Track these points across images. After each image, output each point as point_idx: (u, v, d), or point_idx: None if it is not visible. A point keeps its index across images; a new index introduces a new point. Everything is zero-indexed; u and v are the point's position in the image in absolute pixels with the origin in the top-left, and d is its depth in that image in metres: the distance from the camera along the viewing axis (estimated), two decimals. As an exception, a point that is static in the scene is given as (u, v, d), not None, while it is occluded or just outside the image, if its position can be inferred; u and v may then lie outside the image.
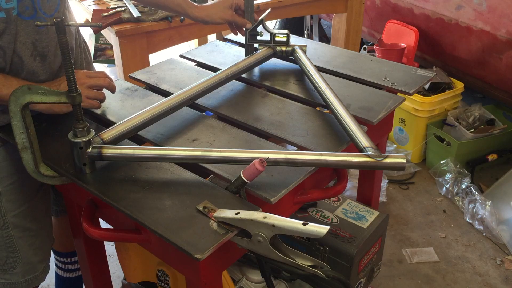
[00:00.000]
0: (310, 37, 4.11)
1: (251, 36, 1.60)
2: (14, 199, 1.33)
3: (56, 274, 1.85)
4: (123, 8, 2.16)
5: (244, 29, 1.58)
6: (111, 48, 3.45)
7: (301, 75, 1.58)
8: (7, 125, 1.27)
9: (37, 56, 1.25)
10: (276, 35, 1.61)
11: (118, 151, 1.11)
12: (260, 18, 1.57)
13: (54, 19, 0.97)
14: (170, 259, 1.11)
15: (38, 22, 1.01)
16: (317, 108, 1.43)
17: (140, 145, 1.26)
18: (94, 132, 1.11)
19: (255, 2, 2.37)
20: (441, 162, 2.80)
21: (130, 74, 1.65)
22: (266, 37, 1.61)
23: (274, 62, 1.69)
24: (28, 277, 1.41)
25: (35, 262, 1.41)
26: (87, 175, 1.12)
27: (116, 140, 1.18)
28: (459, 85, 2.98)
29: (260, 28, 1.59)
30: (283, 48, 1.63)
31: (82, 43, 1.51)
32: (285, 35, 1.61)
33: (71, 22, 1.34)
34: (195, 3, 1.54)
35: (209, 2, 1.57)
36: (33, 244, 1.40)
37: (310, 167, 1.13)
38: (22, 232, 1.36)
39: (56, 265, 1.83)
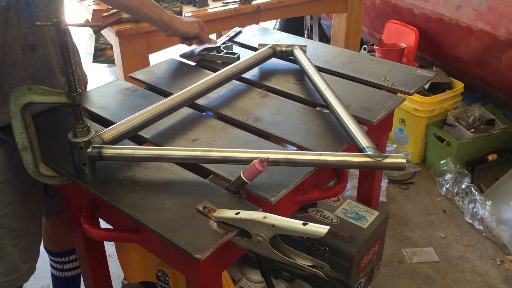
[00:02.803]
0: (310, 37, 4.11)
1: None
2: (1, 199, 1.32)
3: (52, 274, 1.84)
4: (123, 8, 2.16)
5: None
6: (111, 48, 3.45)
7: (301, 75, 1.58)
8: (7, 125, 1.27)
9: (28, 50, 1.25)
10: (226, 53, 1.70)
11: (118, 151, 1.11)
12: (217, 44, 1.76)
13: (54, 19, 0.97)
14: (170, 259, 1.10)
15: (38, 23, 1.01)
16: (317, 108, 1.43)
17: (140, 145, 1.25)
18: (94, 132, 1.11)
19: (255, 2, 2.37)
20: (441, 162, 2.80)
21: (130, 74, 1.65)
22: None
23: (274, 62, 1.69)
24: (11, 277, 1.39)
25: (18, 263, 1.40)
26: (87, 175, 1.12)
27: (116, 140, 1.18)
28: (459, 85, 2.98)
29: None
30: (283, 48, 1.63)
31: (75, 45, 1.51)
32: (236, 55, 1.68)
33: (71, 22, 1.34)
34: (175, 16, 1.59)
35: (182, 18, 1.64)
36: (18, 245, 1.38)
37: (310, 167, 1.13)
38: (7, 232, 1.35)
39: (51, 266, 1.81)
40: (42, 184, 1.40)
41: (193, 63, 1.71)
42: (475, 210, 2.51)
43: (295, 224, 0.88)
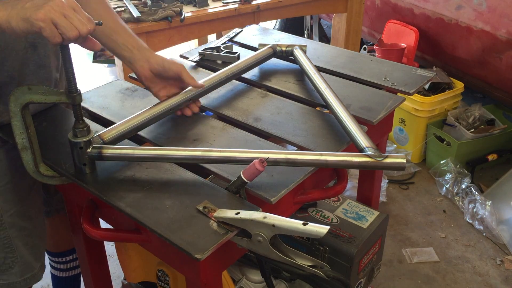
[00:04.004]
0: (310, 37, 4.11)
1: None
2: (9, 198, 1.32)
3: (52, 274, 1.84)
4: (123, 8, 2.16)
5: None
6: (111, 48, 3.44)
7: (301, 75, 1.58)
8: (7, 125, 1.27)
9: (29, 48, 1.24)
10: None
11: (118, 151, 1.11)
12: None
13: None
14: (170, 259, 1.11)
15: None
16: (317, 108, 1.43)
17: (140, 145, 1.25)
18: (94, 132, 1.11)
19: (255, 2, 2.37)
20: (441, 162, 2.80)
21: (130, 74, 1.64)
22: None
23: (274, 62, 1.69)
24: (26, 276, 1.40)
25: (31, 261, 1.41)
26: (87, 175, 1.12)
27: (116, 140, 1.18)
28: (459, 85, 2.98)
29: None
30: (283, 48, 1.63)
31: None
32: None
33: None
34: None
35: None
36: (28, 243, 1.39)
37: (310, 167, 1.13)
38: (18, 231, 1.36)
39: (51, 266, 1.81)
40: (41, 182, 1.41)
41: (193, 63, 1.71)
42: (475, 210, 2.51)
43: (295, 224, 0.88)
